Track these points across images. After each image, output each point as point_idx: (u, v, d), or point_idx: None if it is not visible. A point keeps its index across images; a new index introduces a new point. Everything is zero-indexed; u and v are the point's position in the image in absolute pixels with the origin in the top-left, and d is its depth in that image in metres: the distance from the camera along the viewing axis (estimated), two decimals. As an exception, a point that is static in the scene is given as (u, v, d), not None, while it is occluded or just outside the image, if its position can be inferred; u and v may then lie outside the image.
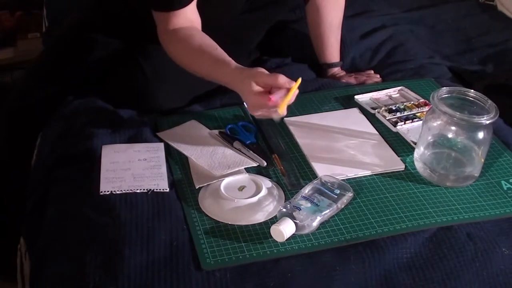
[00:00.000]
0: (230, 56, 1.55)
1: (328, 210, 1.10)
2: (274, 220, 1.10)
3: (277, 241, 1.06)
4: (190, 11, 1.32)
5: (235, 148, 1.28)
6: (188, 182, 1.20)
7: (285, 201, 1.14)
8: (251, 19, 1.47)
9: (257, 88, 1.15)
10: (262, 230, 1.08)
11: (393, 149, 1.30)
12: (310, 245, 1.06)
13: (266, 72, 1.17)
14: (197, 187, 1.18)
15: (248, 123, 1.35)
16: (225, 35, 1.46)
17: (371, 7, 1.98)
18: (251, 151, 1.26)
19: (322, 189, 1.14)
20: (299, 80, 1.16)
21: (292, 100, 1.16)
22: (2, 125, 1.60)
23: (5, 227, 1.59)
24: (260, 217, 1.11)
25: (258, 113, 1.19)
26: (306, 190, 1.14)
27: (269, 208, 1.12)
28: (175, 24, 1.31)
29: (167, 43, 1.32)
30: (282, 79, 1.14)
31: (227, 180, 1.18)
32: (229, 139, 1.30)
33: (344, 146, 1.31)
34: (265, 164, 1.24)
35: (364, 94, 1.48)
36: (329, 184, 1.16)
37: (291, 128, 1.35)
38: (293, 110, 1.43)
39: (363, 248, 1.06)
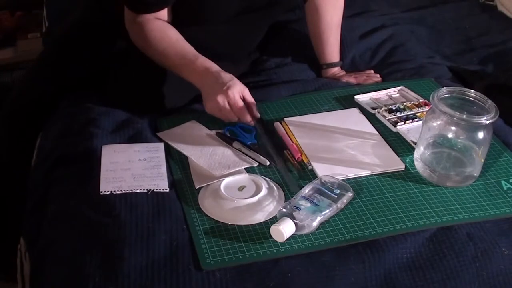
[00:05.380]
0: (230, 57, 1.56)
1: (328, 210, 1.10)
2: (274, 220, 1.10)
3: (277, 241, 1.06)
4: (162, 15, 1.36)
5: (235, 148, 1.27)
6: (188, 182, 1.20)
7: (285, 201, 1.14)
8: (250, 19, 1.47)
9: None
10: (262, 230, 1.08)
11: (393, 149, 1.30)
12: (310, 245, 1.06)
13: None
14: (197, 187, 1.18)
15: (246, 124, 1.35)
16: (224, 36, 1.47)
17: (371, 7, 1.98)
18: (252, 151, 1.26)
19: (322, 189, 1.14)
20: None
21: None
22: (2, 125, 1.60)
23: (5, 227, 1.59)
24: (260, 217, 1.11)
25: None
26: (306, 190, 1.14)
27: (269, 208, 1.12)
28: (143, 17, 1.35)
29: (135, 33, 1.37)
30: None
31: (227, 180, 1.18)
32: (228, 139, 1.29)
33: (344, 146, 1.30)
34: (268, 163, 1.24)
35: (364, 94, 1.48)
36: (329, 184, 1.15)
37: (291, 128, 1.35)
38: (293, 110, 1.43)
39: (363, 248, 1.06)
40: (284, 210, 1.09)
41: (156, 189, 1.16)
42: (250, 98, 1.31)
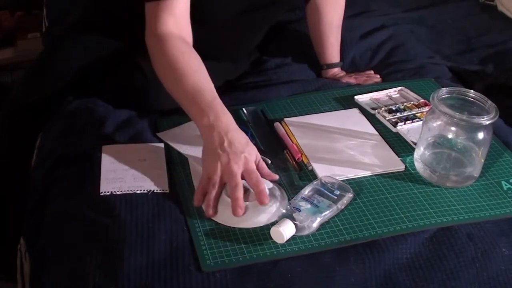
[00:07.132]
0: (230, 57, 1.56)
1: (328, 211, 1.10)
2: (274, 221, 1.10)
3: (277, 243, 1.06)
4: (180, 13, 1.30)
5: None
6: (188, 182, 1.20)
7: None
8: (250, 19, 1.47)
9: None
10: (262, 232, 1.08)
11: (393, 150, 1.30)
12: (310, 246, 1.06)
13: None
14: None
15: (241, 125, 1.34)
16: (224, 36, 1.47)
17: (371, 7, 1.98)
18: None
19: (322, 190, 1.14)
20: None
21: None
22: (2, 125, 1.60)
23: (5, 227, 1.59)
24: (262, 219, 1.09)
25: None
26: (306, 191, 1.14)
27: (271, 210, 1.11)
28: (164, 23, 1.27)
29: (153, 49, 1.29)
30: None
31: (227, 180, 1.18)
32: None
33: (344, 146, 1.30)
34: (269, 162, 1.24)
35: (364, 95, 1.48)
36: (329, 185, 1.15)
37: (291, 128, 1.35)
38: (293, 110, 1.43)
39: (363, 248, 1.06)
40: (284, 211, 1.09)
41: (156, 190, 1.16)
42: (265, 168, 1.16)
